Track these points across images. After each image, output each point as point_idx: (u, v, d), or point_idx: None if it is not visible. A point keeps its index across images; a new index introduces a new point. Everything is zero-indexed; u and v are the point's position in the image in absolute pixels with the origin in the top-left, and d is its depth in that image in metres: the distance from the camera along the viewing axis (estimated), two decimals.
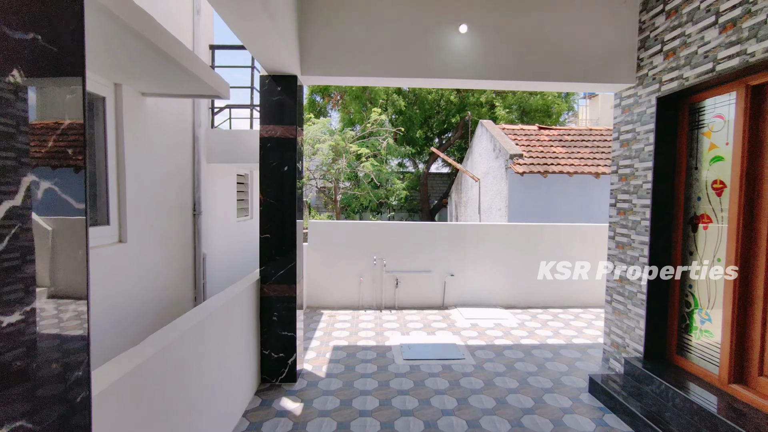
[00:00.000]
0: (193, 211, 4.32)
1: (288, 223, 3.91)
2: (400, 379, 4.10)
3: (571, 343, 5.19)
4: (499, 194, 9.26)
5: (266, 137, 3.88)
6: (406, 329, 5.68)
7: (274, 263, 3.91)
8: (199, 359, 2.63)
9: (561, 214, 8.55)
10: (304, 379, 4.05)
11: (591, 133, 10.28)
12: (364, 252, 6.76)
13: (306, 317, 6.15)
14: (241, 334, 3.50)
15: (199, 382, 2.58)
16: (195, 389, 2.51)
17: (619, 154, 4.25)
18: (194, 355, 2.54)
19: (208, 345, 2.79)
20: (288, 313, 3.92)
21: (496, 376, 4.19)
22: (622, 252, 4.15)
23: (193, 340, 2.56)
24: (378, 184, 13.49)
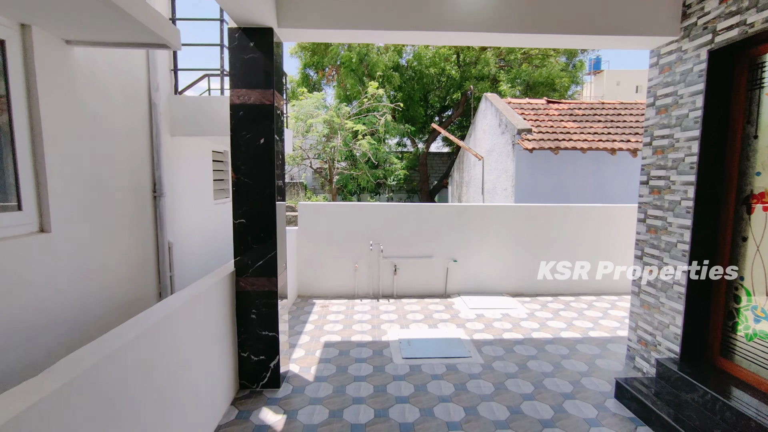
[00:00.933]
0: (153, 193, 3.71)
1: (266, 206, 3.32)
2: (398, 382, 3.60)
3: (587, 337, 4.70)
4: (504, 173, 8.65)
5: (238, 104, 3.25)
6: (405, 321, 5.19)
7: (250, 253, 3.35)
8: (153, 371, 2.10)
9: (571, 194, 7.97)
10: (290, 384, 3.55)
11: (603, 106, 9.58)
12: (360, 236, 6.20)
13: (296, 308, 5.65)
14: (213, 336, 2.98)
15: (153, 400, 2.06)
16: (148, 409, 1.99)
17: (654, 123, 3.63)
18: (145, 368, 2.01)
19: (167, 353, 2.26)
20: (268, 310, 3.39)
21: (507, 378, 3.69)
22: (655, 237, 3.59)
23: (144, 348, 2.03)
24: (375, 163, 12.83)
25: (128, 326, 2.10)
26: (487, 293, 6.34)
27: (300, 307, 5.70)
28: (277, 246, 3.36)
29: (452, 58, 17.60)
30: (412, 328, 4.97)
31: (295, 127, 11.64)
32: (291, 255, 5.85)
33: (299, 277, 6.22)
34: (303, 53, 17.23)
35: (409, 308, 5.71)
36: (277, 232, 3.38)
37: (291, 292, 5.84)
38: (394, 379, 3.67)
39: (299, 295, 6.21)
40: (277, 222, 3.36)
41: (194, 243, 4.67)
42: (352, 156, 14.22)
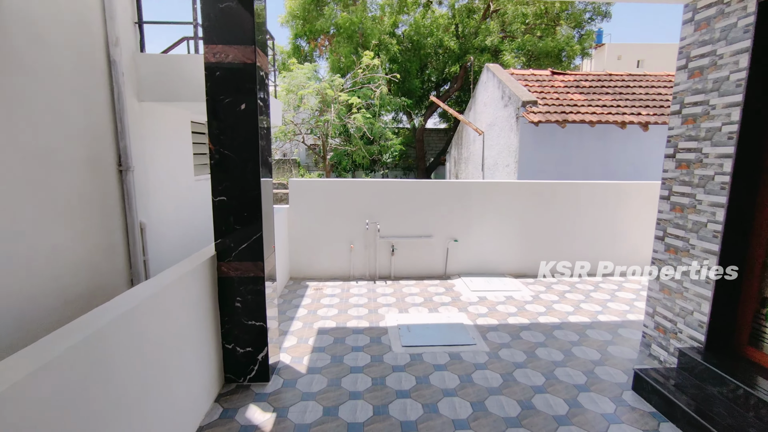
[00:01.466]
0: (117, 167, 3.28)
1: (250, 182, 2.93)
2: (398, 374, 3.32)
3: (596, 321, 4.45)
4: (507, 148, 8.24)
5: (214, 63, 2.81)
6: (404, 305, 4.90)
7: (233, 234, 2.98)
8: (113, 373, 1.77)
9: (576, 171, 7.61)
10: (280, 377, 3.26)
11: (611, 78, 9.10)
12: (355, 215, 5.84)
13: (288, 291, 5.34)
14: (191, 328, 2.65)
15: (114, 405, 1.74)
16: (106, 417, 1.67)
17: (686, 88, 3.24)
18: (99, 371, 1.67)
19: (130, 350, 1.92)
20: (255, 298, 3.05)
21: (515, 368, 3.43)
22: (681, 216, 3.26)
23: (97, 349, 1.69)
24: (371, 138, 12.32)
25: (78, 324, 1.75)
26: (489, 274, 6.07)
27: (292, 290, 5.38)
28: (263, 227, 2.99)
29: (451, 29, 16.81)
30: (411, 312, 4.69)
31: (286, 100, 11.05)
32: (281, 235, 5.49)
33: (291, 258, 5.88)
34: (294, 22, 16.32)
35: (407, 291, 5.43)
36: (263, 211, 3.00)
37: (282, 275, 5.52)
38: (394, 370, 3.39)
39: (291, 278, 5.89)
40: (262, 200, 2.98)
41: (173, 223, 4.26)
42: (347, 131, 13.67)
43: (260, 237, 2.99)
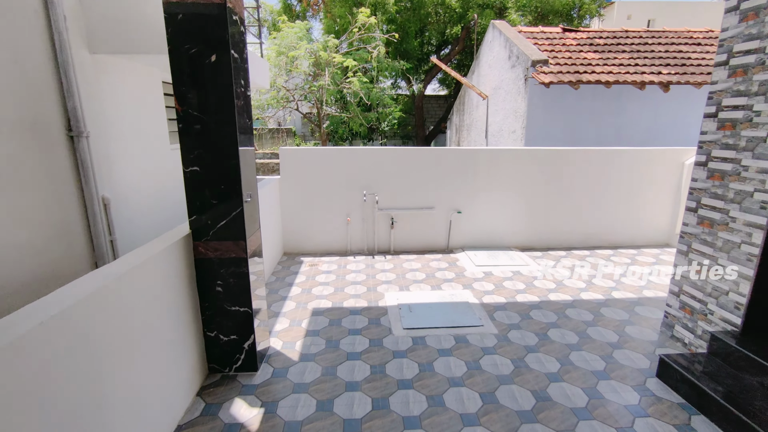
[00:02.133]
0: (67, 132, 2.81)
1: (226, 149, 2.51)
2: (400, 360, 3.04)
3: (611, 298, 4.16)
4: (513, 113, 7.71)
5: (174, 2, 2.31)
6: (404, 281, 4.60)
7: (210, 211, 2.59)
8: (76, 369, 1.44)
9: (588, 137, 7.14)
10: (270, 365, 2.98)
11: (627, 35, 8.42)
12: (352, 186, 5.44)
13: (282, 267, 5.02)
14: (164, 316, 2.32)
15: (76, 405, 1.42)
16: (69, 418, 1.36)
17: (735, 33, 2.76)
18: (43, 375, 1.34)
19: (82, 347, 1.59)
20: (238, 281, 2.71)
21: (527, 352, 3.15)
22: (720, 185, 2.87)
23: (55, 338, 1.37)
24: (368, 104, 11.69)
25: (18, 316, 1.41)
26: (494, 247, 5.74)
27: (286, 266, 5.06)
28: (243, 201, 2.60)
29: None
30: (412, 289, 4.38)
31: (277, 63, 10.33)
32: (273, 208, 5.11)
33: (284, 233, 5.53)
34: None
35: (408, 266, 5.11)
36: (243, 183, 2.60)
37: (275, 251, 5.19)
38: (395, 356, 3.10)
39: (285, 253, 5.56)
40: (241, 170, 2.57)
41: (147, 198, 3.84)
42: (343, 98, 12.99)
43: (241, 213, 2.61)
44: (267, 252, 4.72)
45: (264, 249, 4.66)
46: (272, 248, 5.00)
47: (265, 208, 4.77)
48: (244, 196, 2.62)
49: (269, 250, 4.82)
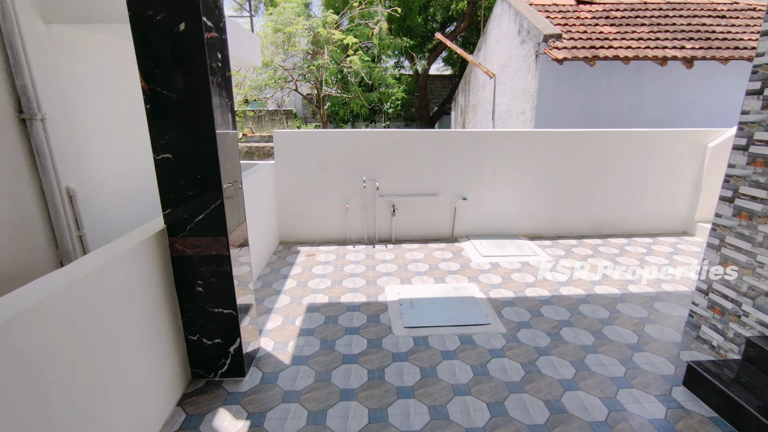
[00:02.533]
0: (17, 114, 2.49)
1: (202, 133, 2.21)
2: (400, 364, 2.80)
3: (627, 293, 3.88)
4: (523, 93, 7.28)
5: None
6: (406, 273, 4.33)
7: (186, 204, 2.31)
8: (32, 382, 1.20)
9: (602, 118, 6.72)
10: (260, 369, 2.74)
11: (647, 7, 7.86)
12: (351, 171, 5.13)
13: (277, 258, 4.76)
14: (141, 318, 2.09)
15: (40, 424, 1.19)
16: None
17: None
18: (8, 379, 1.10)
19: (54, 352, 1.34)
20: (220, 281, 2.44)
21: (538, 354, 2.90)
22: (764, 173, 2.54)
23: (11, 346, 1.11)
24: (370, 83, 11.23)
25: None
26: (501, 236, 5.45)
27: (282, 257, 4.81)
28: (223, 192, 2.31)
29: None
30: (414, 282, 4.12)
31: (274, 40, 9.85)
32: (267, 194, 4.82)
33: (280, 221, 5.26)
34: None
35: (410, 256, 4.84)
36: (223, 172, 2.30)
37: (271, 239, 4.93)
38: (395, 358, 2.86)
39: (281, 242, 5.31)
40: (220, 157, 2.27)
41: (122, 189, 3.51)
42: (343, 78, 12.49)
43: (220, 205, 2.32)
44: (262, 241, 4.46)
45: (258, 238, 4.41)
46: (267, 237, 4.74)
47: (259, 195, 4.49)
48: (224, 186, 2.33)
49: (264, 240, 4.57)
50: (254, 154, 7.07)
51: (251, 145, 7.22)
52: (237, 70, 10.72)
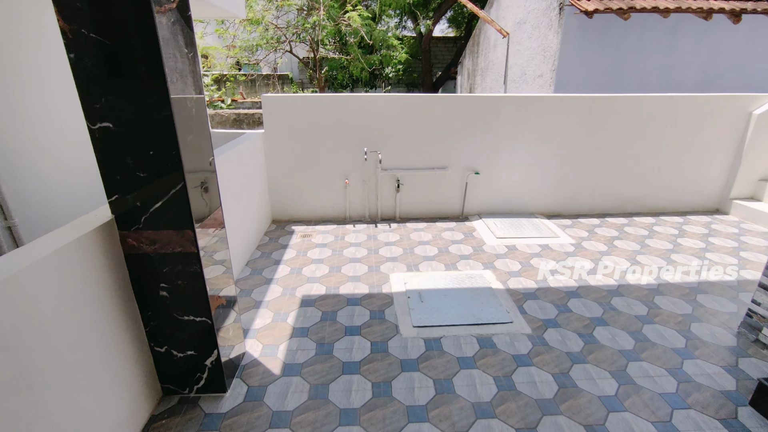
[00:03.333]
0: None
1: (150, 93, 1.65)
2: (409, 375, 2.37)
3: (664, 283, 3.43)
4: (541, 53, 6.54)
5: None
6: (413, 258, 3.87)
7: (139, 189, 1.78)
8: None
9: (630, 81, 6.05)
10: (244, 382, 2.32)
11: None
12: (350, 141, 4.56)
13: (269, 239, 4.29)
14: (83, 332, 1.63)
15: None
16: None
17: None
18: None
19: None
20: (189, 283, 1.96)
21: (572, 362, 2.47)
22: None
23: None
24: (370, 43, 10.36)
25: None
26: (515, 214, 4.96)
27: (274, 238, 4.33)
28: (184, 173, 1.78)
29: None
30: (422, 269, 3.67)
31: None
32: (256, 167, 4.28)
33: (273, 196, 4.74)
34: None
35: (416, 237, 4.37)
36: (182, 146, 1.76)
37: (263, 218, 4.43)
38: (403, 368, 2.43)
39: (274, 220, 4.81)
40: (177, 127, 1.72)
41: (67, 170, 2.94)
42: (342, 38, 11.55)
43: (183, 190, 1.80)
44: (251, 221, 3.96)
45: (247, 217, 3.91)
46: (258, 216, 4.24)
47: (246, 169, 3.95)
48: (186, 164, 1.80)
49: (254, 219, 4.07)
50: (243, 122, 6.46)
51: (240, 112, 6.58)
52: (225, 27, 9.82)
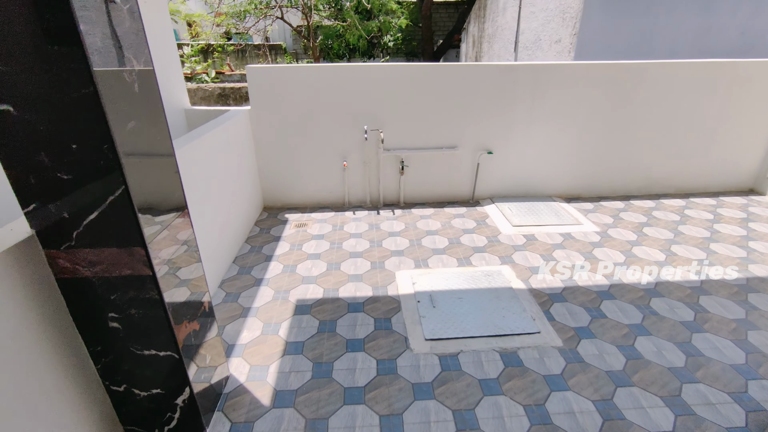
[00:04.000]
0: None
1: (60, 63, 1.15)
2: (424, 403, 1.99)
3: (707, 280, 3.02)
4: (559, 15, 5.88)
5: None
6: (421, 252, 3.45)
7: (65, 195, 1.32)
8: None
9: (659, 47, 5.44)
10: (227, 417, 1.94)
11: None
12: (349, 118, 4.05)
13: (259, 230, 3.85)
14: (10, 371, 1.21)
15: None
16: None
17: None
18: None
19: None
20: (146, 312, 1.54)
21: (614, 385, 2.09)
22: None
23: None
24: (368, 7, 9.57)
25: None
26: (531, 197, 4.50)
27: (265, 228, 3.89)
28: (125, 174, 1.31)
29: None
30: (432, 265, 3.25)
31: None
32: (244, 149, 3.78)
33: (263, 181, 4.27)
34: None
35: (423, 226, 3.93)
36: (116, 138, 1.28)
37: (252, 207, 3.98)
38: (416, 394, 2.05)
39: (265, 207, 4.36)
40: (107, 111, 1.24)
41: None
42: (337, 3, 10.71)
43: (125, 194, 1.33)
44: (238, 211, 3.52)
45: (233, 207, 3.47)
46: (246, 204, 3.79)
47: (231, 151, 3.46)
48: (129, 162, 1.33)
49: (241, 208, 3.62)
50: (229, 97, 5.89)
51: (226, 86, 5.99)
52: None
